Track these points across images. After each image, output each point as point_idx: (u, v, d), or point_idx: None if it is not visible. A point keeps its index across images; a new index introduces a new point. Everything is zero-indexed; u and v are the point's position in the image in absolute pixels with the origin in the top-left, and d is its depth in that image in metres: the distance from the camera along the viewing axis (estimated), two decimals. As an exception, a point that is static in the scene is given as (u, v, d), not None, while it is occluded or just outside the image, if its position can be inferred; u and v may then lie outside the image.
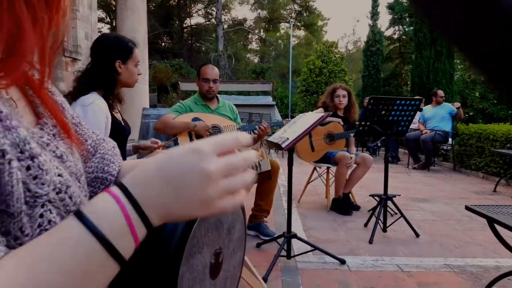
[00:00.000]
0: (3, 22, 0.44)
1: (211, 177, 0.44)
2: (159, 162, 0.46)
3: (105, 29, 27.60)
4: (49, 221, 0.48)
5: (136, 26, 6.19)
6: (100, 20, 26.78)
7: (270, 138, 2.53)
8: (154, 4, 27.33)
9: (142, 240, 0.52)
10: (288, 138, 2.32)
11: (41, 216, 0.47)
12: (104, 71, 1.77)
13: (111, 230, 0.41)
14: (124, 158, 1.90)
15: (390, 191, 3.13)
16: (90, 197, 0.66)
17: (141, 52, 6.38)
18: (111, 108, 1.77)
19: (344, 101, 3.89)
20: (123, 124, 1.87)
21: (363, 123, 3.06)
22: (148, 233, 0.49)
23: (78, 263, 0.40)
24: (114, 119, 1.77)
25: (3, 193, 0.43)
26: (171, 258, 0.56)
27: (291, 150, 2.38)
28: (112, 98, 1.79)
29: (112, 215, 0.42)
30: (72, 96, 1.70)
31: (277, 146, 2.38)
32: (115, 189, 0.44)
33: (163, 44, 29.91)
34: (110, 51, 1.80)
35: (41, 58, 0.51)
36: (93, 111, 1.63)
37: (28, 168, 0.46)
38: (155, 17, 26.38)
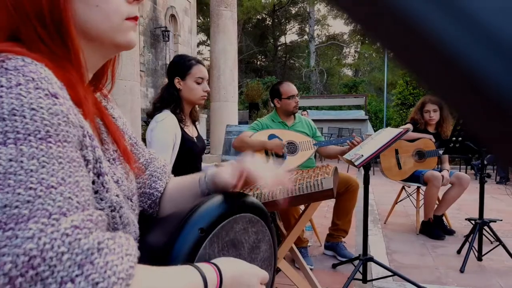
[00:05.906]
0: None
1: None
2: (238, 271, 0.65)
3: (206, 51, 29.64)
4: None
5: (227, 47, 6.55)
6: (202, 43, 28.87)
7: (346, 155, 2.45)
8: (250, 25, 28.60)
9: (151, 256, 0.58)
10: (362, 155, 2.22)
11: None
12: (168, 89, 1.92)
13: None
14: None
15: (492, 215, 2.80)
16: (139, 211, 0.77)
17: (231, 72, 6.70)
18: (182, 123, 1.89)
19: (435, 116, 3.58)
20: (194, 140, 1.97)
21: (453, 138, 2.79)
22: (158, 251, 0.63)
23: None
24: (184, 134, 1.88)
25: None
26: None
27: (367, 167, 2.28)
28: (183, 114, 1.91)
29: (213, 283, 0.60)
30: (149, 115, 1.89)
31: (351, 163, 2.30)
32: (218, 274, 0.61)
33: (258, 63, 31.01)
34: (171, 69, 1.95)
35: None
36: (161, 128, 1.78)
37: (92, 182, 0.54)
38: (251, 37, 27.54)
